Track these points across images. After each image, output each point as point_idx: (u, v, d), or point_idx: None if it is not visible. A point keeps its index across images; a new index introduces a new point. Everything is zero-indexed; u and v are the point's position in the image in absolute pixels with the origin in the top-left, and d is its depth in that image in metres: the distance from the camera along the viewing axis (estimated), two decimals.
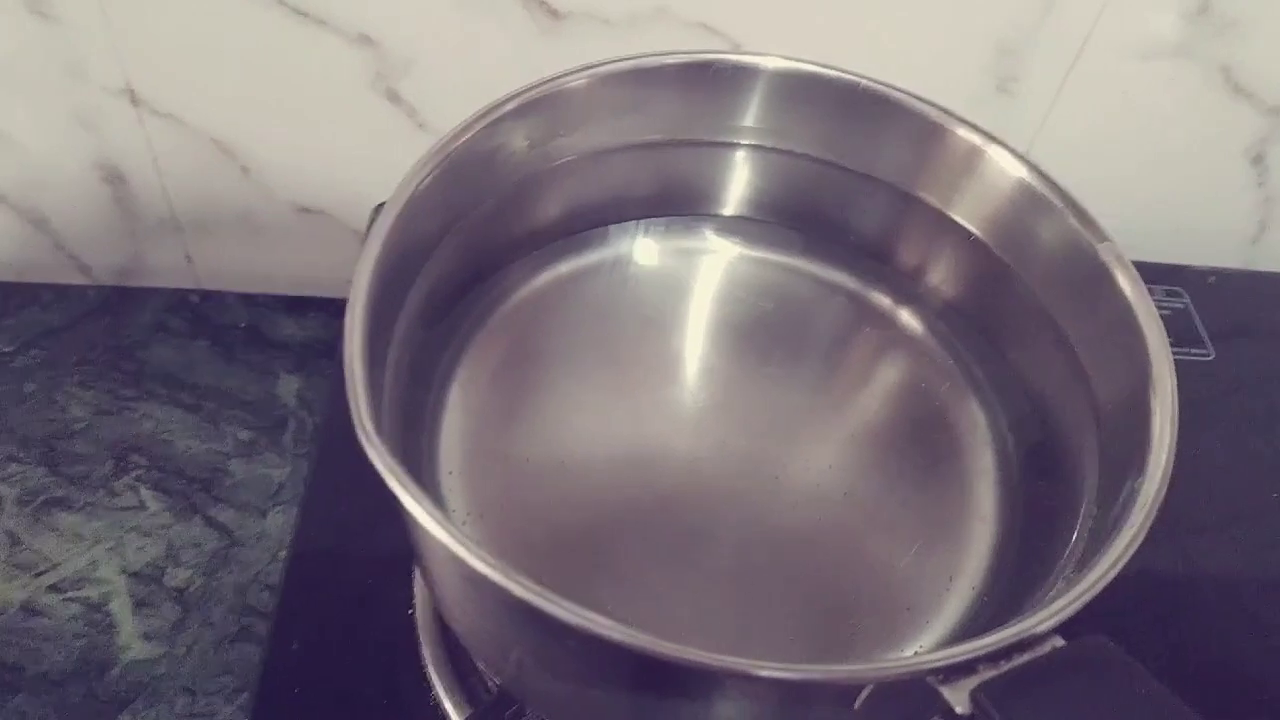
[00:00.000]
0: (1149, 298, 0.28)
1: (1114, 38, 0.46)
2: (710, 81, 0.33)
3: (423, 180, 0.28)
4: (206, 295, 0.53)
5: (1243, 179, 0.53)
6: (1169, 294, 0.51)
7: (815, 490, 0.32)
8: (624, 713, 0.26)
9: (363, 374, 0.24)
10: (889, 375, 0.36)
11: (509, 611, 0.23)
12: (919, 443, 0.33)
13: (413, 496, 0.22)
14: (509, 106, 0.30)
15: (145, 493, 0.46)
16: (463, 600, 0.27)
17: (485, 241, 0.33)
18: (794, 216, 0.36)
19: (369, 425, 0.23)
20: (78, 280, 0.54)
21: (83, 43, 0.43)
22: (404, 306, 0.29)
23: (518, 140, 0.31)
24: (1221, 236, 0.56)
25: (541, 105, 0.31)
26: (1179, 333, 0.49)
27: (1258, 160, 0.52)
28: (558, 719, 0.31)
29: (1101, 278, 0.28)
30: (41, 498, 0.45)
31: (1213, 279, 0.52)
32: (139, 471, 0.46)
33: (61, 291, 0.52)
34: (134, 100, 0.46)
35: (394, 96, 0.46)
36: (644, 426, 0.33)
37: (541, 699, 0.29)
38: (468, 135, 0.29)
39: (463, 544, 0.22)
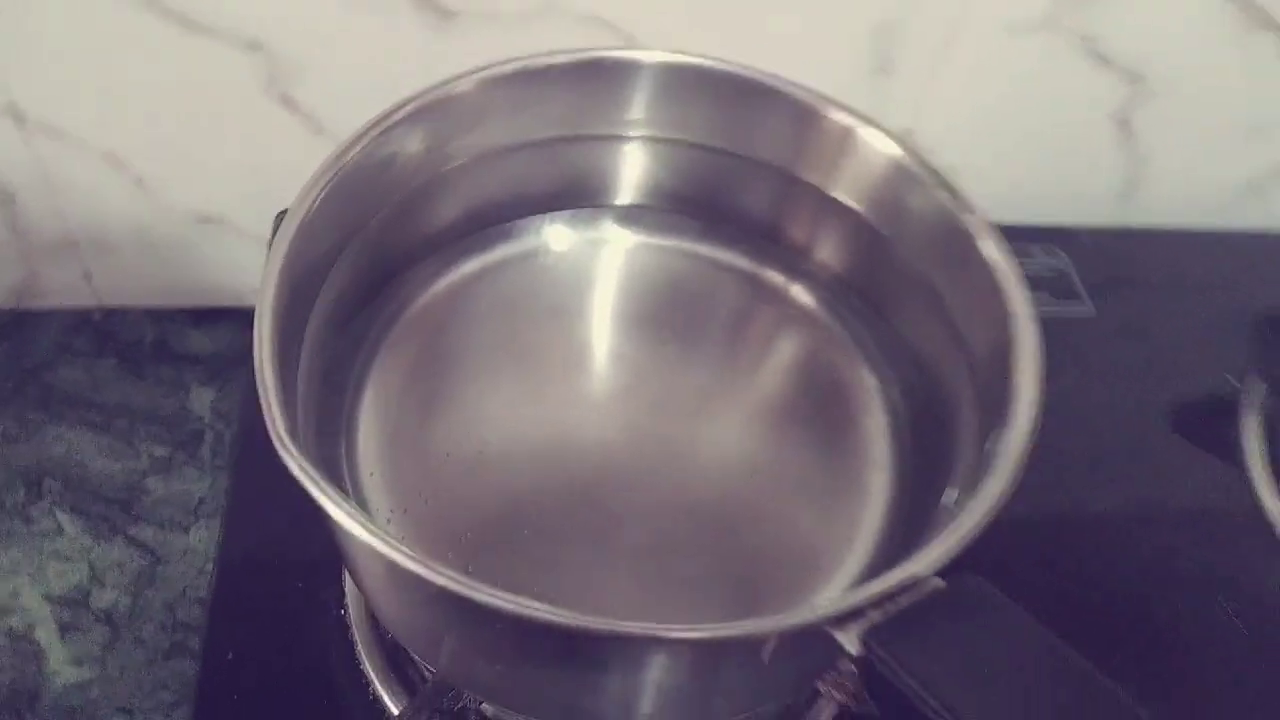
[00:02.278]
0: (1013, 261, 0.30)
1: (983, 15, 0.48)
2: (597, 78, 0.34)
3: (321, 191, 0.29)
4: (109, 312, 0.52)
5: (1111, 141, 0.56)
6: (1048, 253, 0.54)
7: (722, 464, 0.34)
8: (552, 686, 0.28)
9: (275, 384, 0.25)
10: (785, 349, 0.37)
11: (434, 601, 0.25)
12: (817, 411, 0.35)
13: (331, 500, 0.23)
14: (401, 113, 0.31)
15: (62, 516, 0.45)
16: (391, 595, 0.28)
17: (388, 245, 0.34)
18: (687, 202, 0.38)
19: (283, 433, 0.24)
20: None
21: None
22: (312, 313, 0.30)
23: (413, 145, 0.32)
24: (1095, 197, 0.59)
25: (433, 110, 0.32)
26: (1060, 290, 0.52)
27: (1124, 124, 0.55)
28: (491, 699, 0.32)
29: (969, 245, 0.31)
30: None
31: (1088, 238, 0.56)
32: (54, 496, 0.46)
33: None
34: (17, 118, 0.45)
35: (288, 101, 0.46)
36: (556, 415, 0.34)
37: (474, 682, 0.31)
38: (362, 144, 0.30)
39: (382, 540, 0.23)
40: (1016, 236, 0.32)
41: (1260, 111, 0.56)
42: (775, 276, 0.38)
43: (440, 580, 0.22)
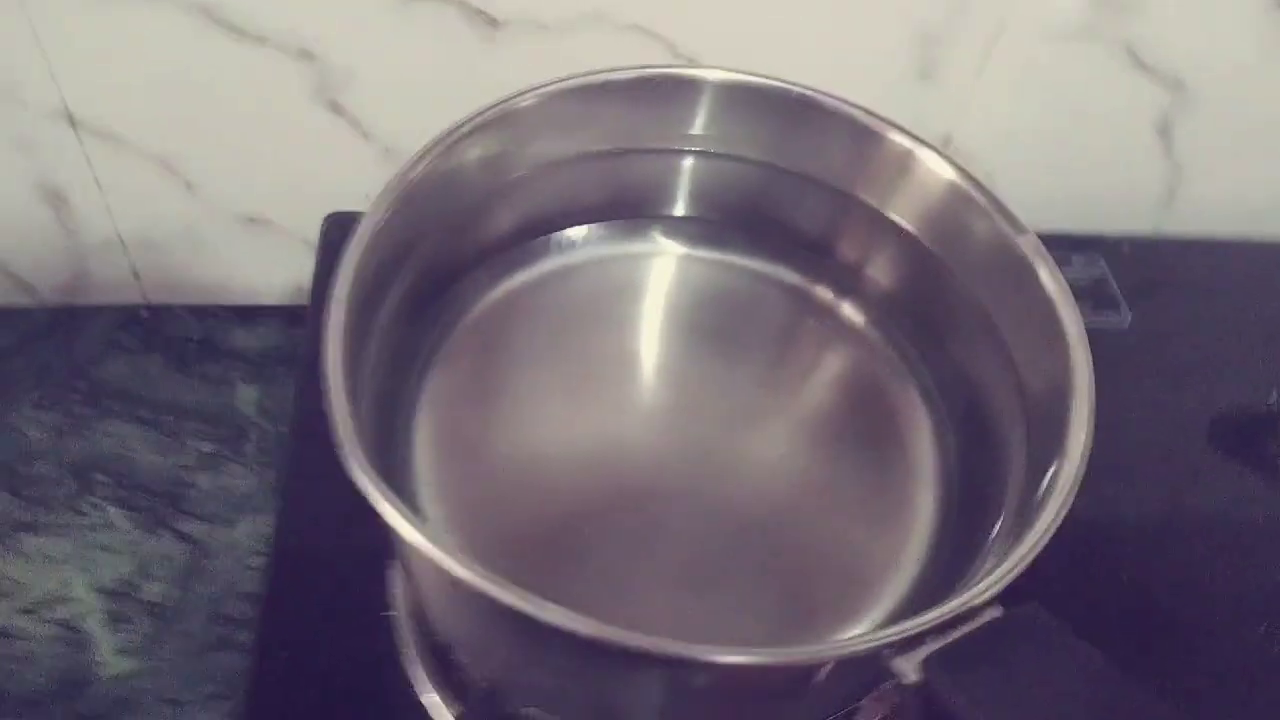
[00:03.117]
0: (1067, 288, 0.30)
1: (1025, 22, 0.48)
2: (656, 94, 0.34)
3: (392, 202, 0.29)
4: (156, 310, 0.53)
5: (1151, 149, 0.56)
6: (1088, 262, 0.54)
7: (769, 479, 0.34)
8: (606, 697, 0.28)
9: (343, 394, 0.25)
10: (834, 367, 0.38)
11: (492, 613, 0.25)
12: (865, 430, 0.35)
13: (398, 512, 0.24)
14: (468, 127, 0.31)
15: (111, 510, 0.46)
16: (449, 604, 0.28)
17: (445, 256, 0.34)
18: (740, 216, 0.38)
19: (353, 446, 0.24)
20: (22, 302, 0.53)
21: (16, 67, 0.43)
22: (371, 329, 0.30)
23: (475, 158, 0.32)
24: (1134, 204, 0.59)
25: (493, 127, 0.32)
26: (1098, 299, 0.52)
27: (1164, 131, 0.55)
28: (543, 707, 0.32)
29: (1026, 272, 0.31)
30: (7, 522, 0.45)
31: (1127, 246, 0.55)
32: (103, 489, 0.46)
33: (6, 314, 0.52)
34: (72, 122, 0.46)
35: (336, 108, 0.47)
36: (606, 426, 0.35)
37: (528, 691, 0.31)
38: (430, 157, 0.30)
39: (445, 553, 0.23)
40: (1055, 244, 0.32)
41: None
42: (826, 293, 0.38)
43: (503, 595, 0.22)
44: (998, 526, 0.28)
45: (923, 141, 0.33)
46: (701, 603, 0.32)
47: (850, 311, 0.38)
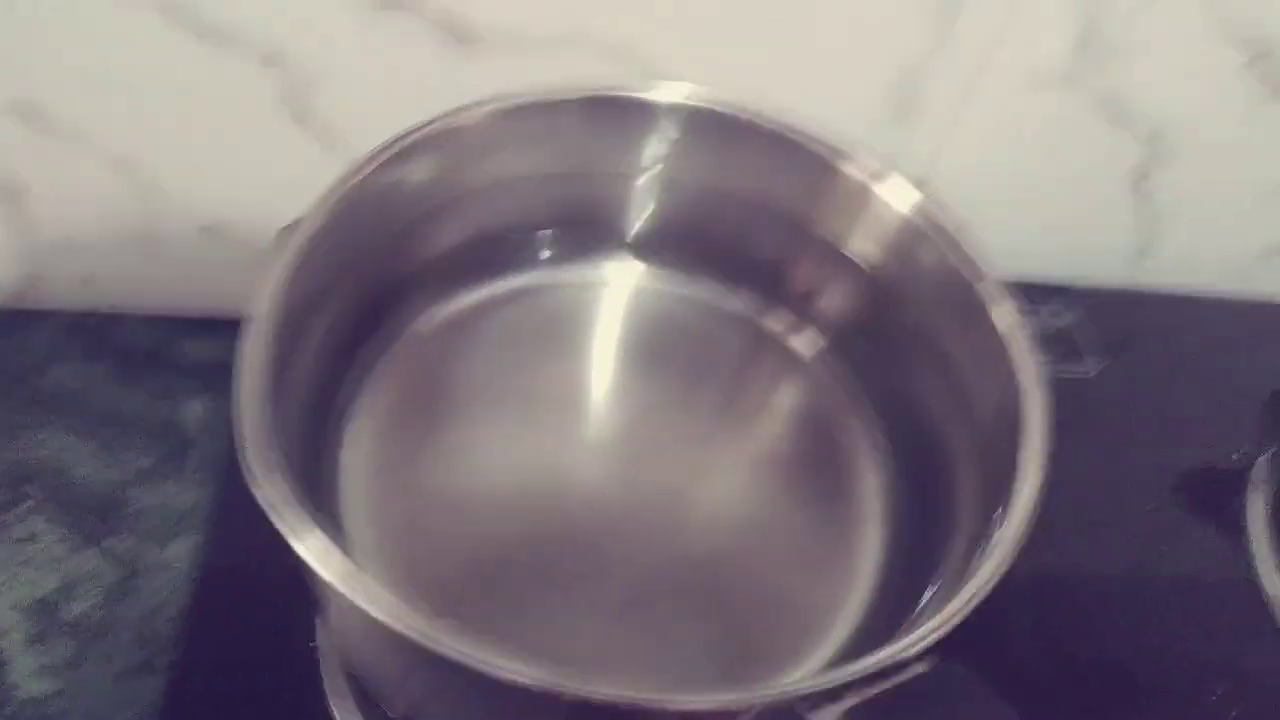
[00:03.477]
0: (1026, 331, 0.29)
1: (1006, 69, 0.48)
2: (611, 115, 0.33)
3: (325, 211, 0.28)
4: (107, 317, 0.52)
5: (1127, 201, 0.56)
6: (1053, 314, 0.53)
7: (715, 517, 0.33)
8: None
9: (255, 407, 0.24)
10: (785, 401, 0.37)
11: (394, 648, 0.24)
12: (812, 467, 0.35)
13: (294, 532, 0.22)
14: (411, 139, 0.30)
15: (40, 524, 0.44)
16: (353, 636, 0.27)
17: (388, 272, 0.33)
18: (694, 244, 0.37)
19: (255, 459, 0.23)
20: None
21: None
22: (302, 343, 0.29)
23: (421, 171, 0.32)
24: (1107, 257, 0.59)
25: (443, 138, 0.31)
26: (1064, 349, 0.52)
27: (1140, 184, 0.55)
28: None
29: (981, 310, 0.30)
30: None
31: (1095, 299, 0.55)
32: (33, 502, 0.45)
33: None
34: (29, 116, 0.45)
35: (301, 117, 0.46)
36: (546, 457, 0.34)
37: None
38: (371, 166, 0.29)
39: (355, 588, 0.22)
40: (1024, 292, 0.31)
41: (1278, 178, 0.55)
42: (778, 325, 0.37)
43: (407, 633, 0.21)
44: (941, 575, 0.27)
45: (881, 173, 0.32)
46: (637, 644, 0.31)
47: (802, 344, 0.37)
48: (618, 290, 0.38)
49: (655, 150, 0.35)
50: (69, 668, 0.41)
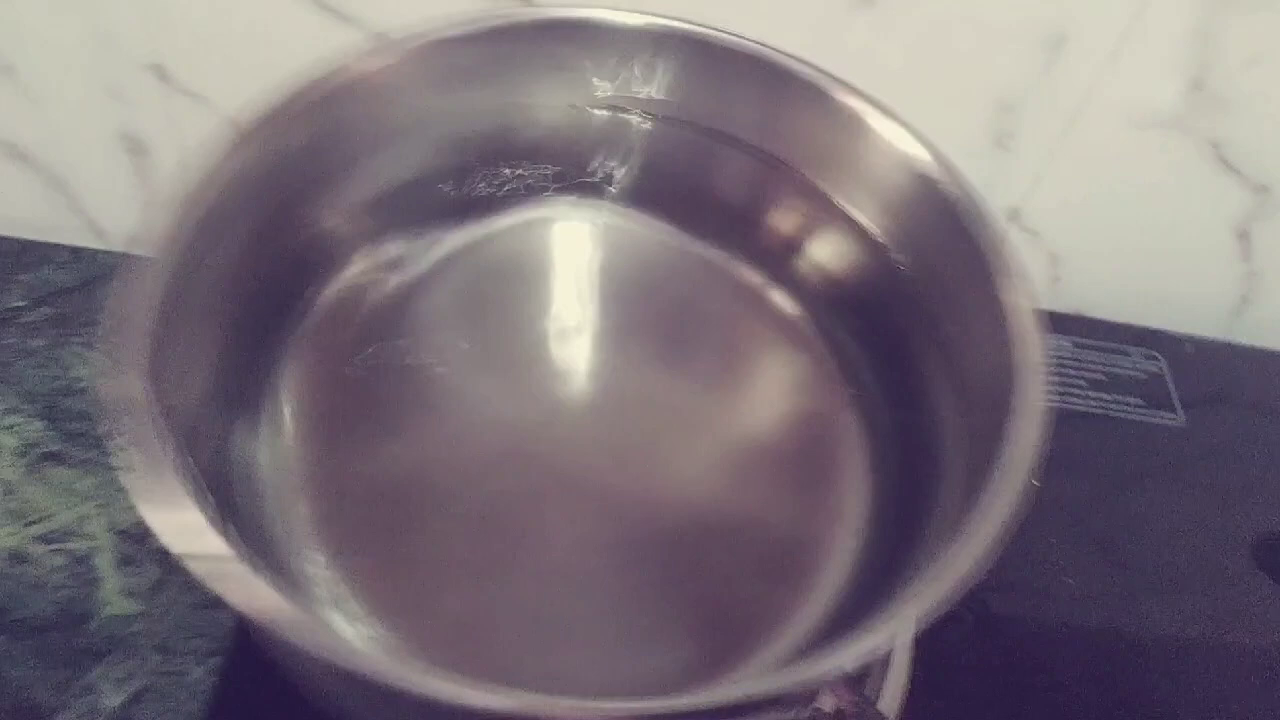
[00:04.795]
0: (1034, 311, 0.26)
1: (1110, 105, 0.48)
2: (562, 39, 0.30)
3: (229, 150, 0.26)
4: None
5: (1227, 253, 0.54)
6: (1146, 357, 0.52)
7: (686, 492, 0.30)
8: None
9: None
10: (766, 367, 0.33)
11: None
12: (792, 444, 0.32)
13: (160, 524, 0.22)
14: (344, 68, 0.27)
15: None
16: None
17: (307, 231, 0.30)
18: (672, 187, 0.33)
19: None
20: (93, 244, 0.55)
21: (115, 15, 0.45)
22: (210, 306, 0.27)
23: (354, 102, 0.29)
24: (1203, 306, 0.57)
25: (379, 67, 0.28)
26: (1152, 396, 0.51)
27: (1243, 236, 0.53)
28: None
29: (988, 283, 0.27)
30: (39, 450, 0.46)
31: (1190, 346, 0.54)
32: None
33: (76, 253, 0.53)
34: (161, 76, 0.47)
35: None
36: (509, 417, 0.31)
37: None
38: (291, 98, 0.28)
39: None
40: (1115, 334, 0.29)
41: None
42: (756, 278, 0.33)
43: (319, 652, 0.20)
44: (912, 578, 0.24)
45: (888, 112, 0.28)
46: (599, 630, 0.28)
47: (785, 303, 0.33)
48: (584, 233, 0.34)
49: (617, 82, 0.31)
50: (153, 592, 0.43)
